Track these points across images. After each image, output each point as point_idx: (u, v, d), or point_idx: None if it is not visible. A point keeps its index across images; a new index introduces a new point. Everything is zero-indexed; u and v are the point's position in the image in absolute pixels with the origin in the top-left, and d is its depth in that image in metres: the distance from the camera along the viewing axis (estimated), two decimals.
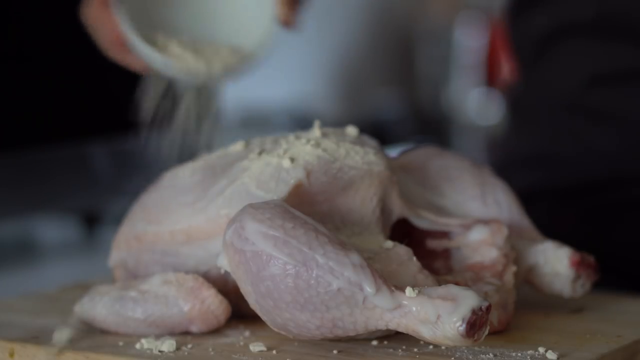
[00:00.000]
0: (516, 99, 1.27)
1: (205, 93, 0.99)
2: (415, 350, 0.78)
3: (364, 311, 0.75)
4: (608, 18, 1.15)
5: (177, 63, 0.94)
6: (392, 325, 0.75)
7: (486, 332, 0.74)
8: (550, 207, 1.20)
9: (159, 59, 0.94)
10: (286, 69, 2.81)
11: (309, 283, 0.75)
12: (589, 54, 1.17)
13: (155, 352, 0.80)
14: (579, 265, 0.87)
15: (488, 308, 0.73)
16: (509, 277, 0.84)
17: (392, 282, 0.76)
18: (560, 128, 1.20)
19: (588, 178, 1.18)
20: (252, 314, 0.79)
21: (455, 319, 0.72)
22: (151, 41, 0.95)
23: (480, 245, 0.86)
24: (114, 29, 0.96)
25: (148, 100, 0.98)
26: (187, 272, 0.85)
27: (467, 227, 0.87)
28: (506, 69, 3.42)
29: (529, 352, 0.77)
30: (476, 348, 0.78)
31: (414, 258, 0.81)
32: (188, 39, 0.98)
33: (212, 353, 0.80)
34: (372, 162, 0.85)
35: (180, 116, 0.97)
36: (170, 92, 0.98)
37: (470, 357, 0.77)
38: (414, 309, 0.74)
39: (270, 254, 0.75)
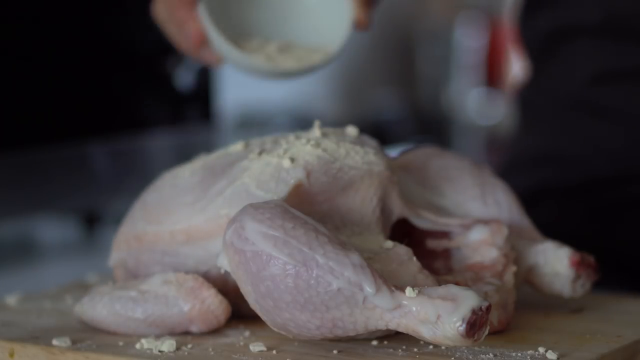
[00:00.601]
0: (525, 97, 1.27)
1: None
2: (415, 350, 0.78)
3: (364, 311, 0.75)
4: (615, 20, 1.15)
5: (257, 62, 0.96)
6: (392, 325, 0.75)
7: (486, 332, 0.74)
8: (557, 205, 1.20)
9: (240, 57, 0.96)
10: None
11: (309, 283, 0.75)
12: (596, 53, 1.17)
13: (155, 352, 0.80)
14: (579, 265, 0.87)
15: (488, 308, 0.73)
16: (509, 277, 0.84)
17: (392, 282, 0.76)
18: (566, 126, 1.20)
19: (594, 176, 1.18)
20: (252, 314, 0.79)
21: (455, 319, 0.72)
22: (231, 40, 0.97)
23: (480, 245, 0.86)
24: (196, 27, 0.97)
25: None
26: (187, 272, 0.85)
27: (467, 227, 0.87)
28: (508, 68, 3.42)
29: (529, 352, 0.77)
30: (476, 348, 0.78)
31: (414, 258, 0.81)
32: (266, 39, 1.01)
33: (212, 353, 0.80)
34: (372, 162, 0.85)
35: None
36: None
37: (470, 357, 0.77)
38: (414, 309, 0.74)
39: (270, 254, 0.75)
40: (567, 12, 1.18)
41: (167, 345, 0.80)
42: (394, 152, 0.94)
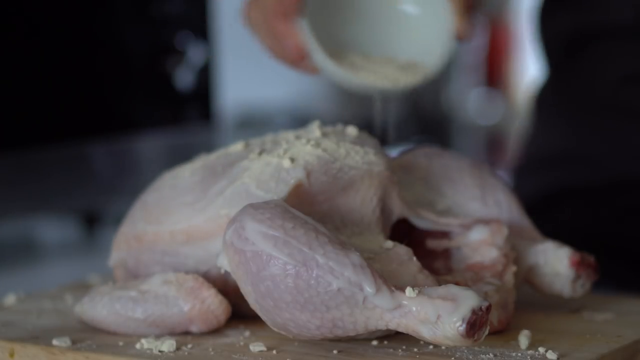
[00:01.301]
0: (543, 98, 1.27)
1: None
2: (415, 350, 0.78)
3: (364, 311, 0.75)
4: None
5: (358, 78, 0.95)
6: (392, 325, 0.75)
7: (486, 332, 0.74)
8: (579, 206, 1.20)
9: (342, 74, 0.95)
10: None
11: (309, 283, 0.75)
12: (625, 54, 1.17)
13: (155, 352, 0.80)
14: (579, 265, 0.87)
15: (488, 308, 0.73)
16: (509, 277, 0.84)
17: (392, 282, 0.76)
18: (591, 127, 1.20)
19: (619, 177, 1.18)
20: (252, 314, 0.79)
21: (455, 319, 0.72)
22: (329, 51, 0.96)
23: (480, 245, 0.86)
24: (296, 42, 0.96)
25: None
26: (187, 272, 0.85)
27: (467, 227, 0.87)
28: (510, 68, 3.42)
29: (529, 352, 0.77)
30: (476, 348, 0.78)
31: (414, 258, 0.81)
32: (366, 54, 1.00)
33: (212, 353, 0.80)
34: (372, 162, 0.85)
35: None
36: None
37: (470, 357, 0.77)
38: (414, 309, 0.74)
39: (270, 254, 0.75)
40: (594, 13, 1.18)
41: (167, 345, 0.80)
42: (394, 152, 0.94)
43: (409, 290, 0.74)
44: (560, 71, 1.24)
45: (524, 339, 0.78)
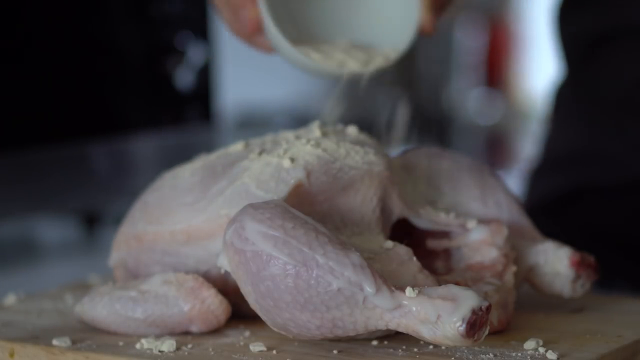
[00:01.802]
0: (562, 97, 1.27)
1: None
2: (415, 350, 0.78)
3: (364, 311, 0.75)
4: None
5: (313, 61, 0.93)
6: (392, 325, 0.75)
7: (486, 332, 0.74)
8: (596, 205, 1.19)
9: (295, 54, 0.93)
10: (286, 69, 2.81)
11: (309, 283, 0.75)
12: None
13: (155, 352, 0.80)
14: (579, 265, 0.87)
15: (488, 308, 0.73)
16: (509, 277, 0.84)
17: (392, 282, 0.76)
18: (609, 126, 1.20)
19: (635, 176, 1.17)
20: (252, 314, 0.79)
21: (455, 319, 0.72)
22: (288, 33, 0.94)
23: (480, 245, 0.86)
24: (252, 13, 0.94)
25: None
26: (187, 272, 0.85)
27: (467, 227, 0.87)
28: (510, 68, 3.42)
29: (529, 352, 0.77)
30: (476, 348, 0.78)
31: (414, 258, 0.81)
32: (324, 37, 0.98)
33: (212, 353, 0.80)
34: (372, 162, 0.85)
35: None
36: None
37: (470, 357, 0.77)
38: (414, 309, 0.74)
39: (270, 254, 0.75)
40: (614, 14, 1.18)
41: (167, 345, 0.80)
42: (394, 152, 0.94)
43: (409, 290, 0.74)
44: (578, 71, 1.24)
45: (531, 342, 0.78)
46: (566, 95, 1.26)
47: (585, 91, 1.22)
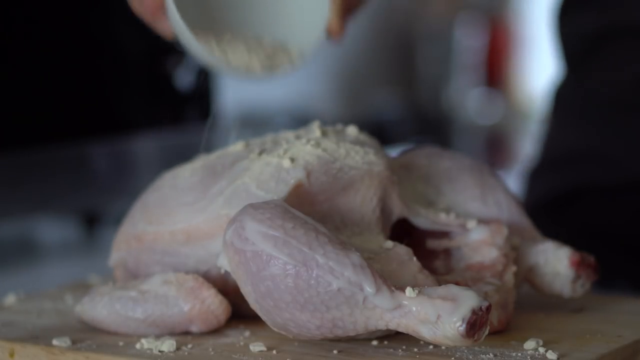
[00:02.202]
0: (561, 96, 1.27)
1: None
2: (415, 350, 0.78)
3: (364, 311, 0.75)
4: None
5: (213, 53, 0.92)
6: (392, 325, 0.75)
7: (486, 332, 0.74)
8: (595, 205, 1.20)
9: (191, 40, 0.91)
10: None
11: (309, 283, 0.75)
12: None
13: (155, 352, 0.80)
14: (579, 265, 0.87)
15: (488, 308, 0.73)
16: (509, 277, 0.84)
17: (392, 282, 0.76)
18: (609, 125, 1.20)
19: (634, 176, 1.17)
20: (252, 314, 0.79)
21: (455, 319, 0.72)
22: (191, 20, 0.92)
23: (480, 245, 0.86)
24: None
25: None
26: (187, 272, 0.85)
27: (467, 227, 0.87)
28: (510, 68, 3.42)
29: (529, 352, 0.77)
30: (476, 348, 0.78)
31: (414, 258, 0.81)
32: (232, 28, 0.96)
33: (212, 353, 0.80)
34: (372, 162, 0.85)
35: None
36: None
37: (470, 357, 0.77)
38: (414, 309, 0.74)
39: (270, 254, 0.75)
40: (613, 13, 1.18)
41: (167, 345, 0.80)
42: (394, 152, 0.94)
43: (409, 290, 0.74)
44: (577, 70, 1.24)
45: (531, 342, 0.78)
46: (565, 94, 1.26)
47: (584, 90, 1.22)
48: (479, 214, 0.90)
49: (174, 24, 0.91)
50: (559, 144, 1.25)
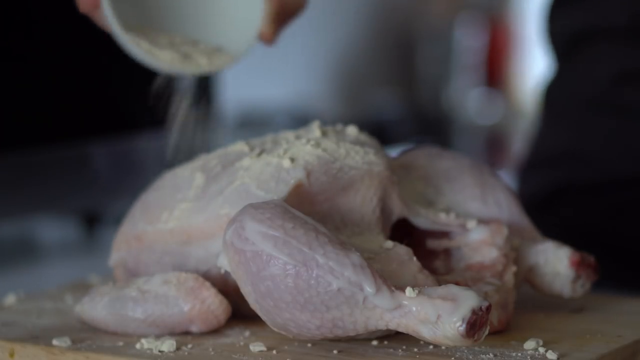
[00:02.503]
0: (549, 95, 1.27)
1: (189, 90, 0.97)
2: (415, 350, 0.78)
3: (364, 311, 0.75)
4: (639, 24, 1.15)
5: (141, 49, 0.93)
6: (392, 325, 0.75)
7: (486, 332, 0.74)
8: (577, 203, 1.20)
9: (121, 35, 0.92)
10: (286, 69, 2.81)
11: (309, 283, 0.75)
12: (620, 53, 1.17)
13: (155, 352, 0.80)
14: (579, 265, 0.87)
15: (488, 308, 0.73)
16: (509, 277, 0.84)
17: (392, 282, 0.76)
18: (589, 124, 1.20)
19: (616, 174, 1.18)
20: (252, 314, 0.79)
21: (455, 319, 0.72)
22: (125, 15, 0.93)
23: (480, 245, 0.86)
24: None
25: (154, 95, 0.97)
26: (187, 272, 0.85)
27: (467, 227, 0.87)
28: (510, 67, 3.42)
29: (529, 352, 0.77)
30: (476, 348, 0.78)
31: (414, 258, 0.81)
32: (165, 27, 0.96)
33: (212, 353, 0.80)
34: (372, 162, 0.85)
35: (176, 113, 0.97)
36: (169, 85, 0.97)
37: (470, 357, 0.77)
38: (414, 309, 0.74)
39: (270, 254, 0.75)
40: (594, 12, 1.18)
41: (167, 345, 0.80)
42: (394, 152, 0.94)
43: (409, 290, 0.74)
44: (563, 69, 1.25)
45: (531, 342, 0.78)
46: (553, 93, 1.27)
47: (569, 89, 1.23)
48: (479, 214, 0.90)
49: (107, 17, 0.92)
50: (546, 142, 1.26)
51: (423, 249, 0.88)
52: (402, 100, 3.19)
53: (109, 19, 0.91)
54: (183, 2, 0.98)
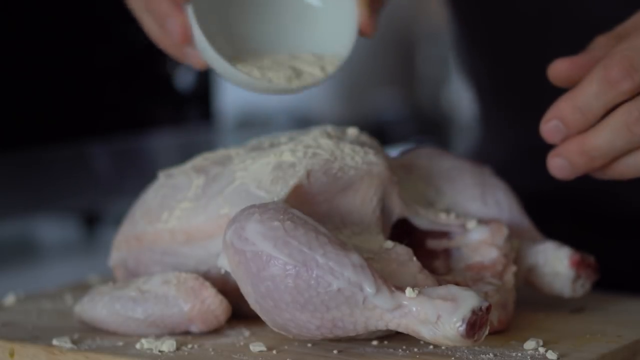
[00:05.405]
0: None
1: None
2: (415, 350, 0.78)
3: (364, 311, 0.75)
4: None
5: (246, 76, 0.87)
6: (392, 326, 0.75)
7: (486, 332, 0.74)
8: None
9: (227, 68, 0.86)
10: None
11: (309, 283, 0.75)
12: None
13: (155, 352, 0.80)
14: (579, 265, 0.87)
15: (488, 308, 0.73)
16: (509, 277, 0.85)
17: (392, 282, 0.76)
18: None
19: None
20: (252, 314, 0.79)
21: (455, 319, 0.72)
22: (222, 47, 0.88)
23: (480, 245, 0.86)
24: (180, 23, 0.86)
25: None
26: (187, 272, 0.85)
27: (467, 227, 0.87)
28: None
29: (529, 352, 0.77)
30: (476, 348, 0.78)
31: (414, 258, 0.81)
32: (268, 50, 0.92)
33: (212, 353, 0.80)
34: (372, 162, 0.85)
35: None
36: None
37: (470, 357, 0.77)
38: (414, 309, 0.74)
39: (270, 254, 0.75)
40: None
41: (167, 345, 0.80)
42: (394, 152, 0.94)
43: (409, 291, 0.74)
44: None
45: (531, 342, 0.78)
46: None
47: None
48: (479, 214, 0.90)
49: (204, 52, 0.87)
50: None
51: (423, 249, 0.88)
52: (402, 101, 3.19)
53: (206, 51, 0.86)
54: (276, 19, 0.94)
